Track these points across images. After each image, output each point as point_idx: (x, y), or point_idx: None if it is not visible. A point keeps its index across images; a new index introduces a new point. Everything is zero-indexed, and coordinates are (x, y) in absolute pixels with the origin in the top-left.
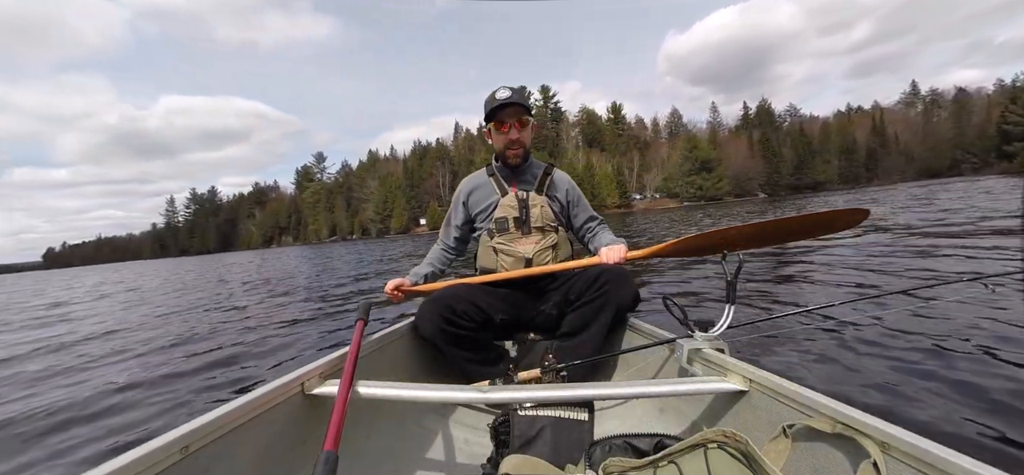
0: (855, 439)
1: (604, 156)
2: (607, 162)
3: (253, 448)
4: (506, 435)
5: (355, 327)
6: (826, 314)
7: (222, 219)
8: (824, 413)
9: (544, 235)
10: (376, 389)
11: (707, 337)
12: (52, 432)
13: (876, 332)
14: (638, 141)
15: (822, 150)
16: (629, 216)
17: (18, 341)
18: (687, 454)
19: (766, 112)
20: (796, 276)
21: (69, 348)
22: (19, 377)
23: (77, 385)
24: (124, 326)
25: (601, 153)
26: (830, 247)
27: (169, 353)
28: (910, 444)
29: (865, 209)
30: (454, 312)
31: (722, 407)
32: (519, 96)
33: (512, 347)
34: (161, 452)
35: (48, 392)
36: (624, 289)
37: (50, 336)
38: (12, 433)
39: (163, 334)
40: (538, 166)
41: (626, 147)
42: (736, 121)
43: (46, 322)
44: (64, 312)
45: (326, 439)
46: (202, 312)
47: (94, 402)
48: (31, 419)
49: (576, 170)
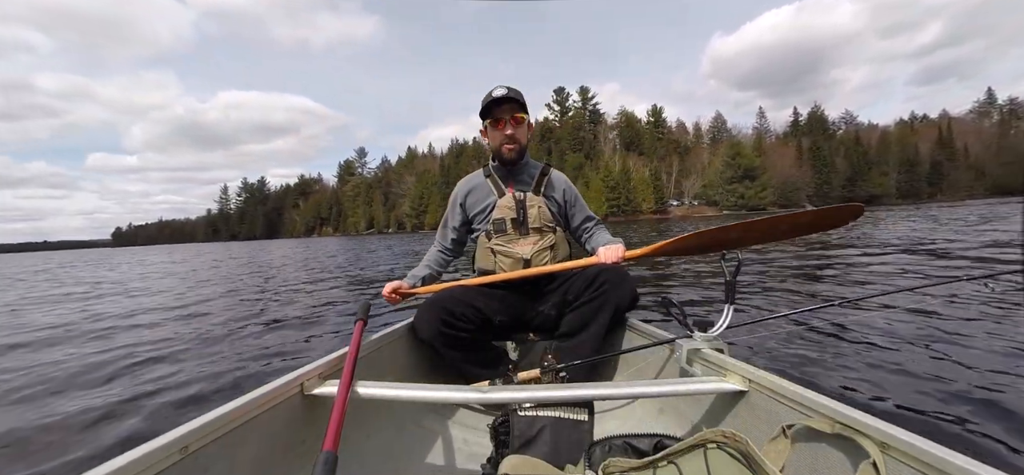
0: (854, 439)
1: (642, 160)
2: (644, 166)
3: (252, 448)
4: (506, 435)
5: (355, 327)
6: (826, 314)
7: (269, 207)
8: (823, 413)
9: (542, 236)
10: (375, 389)
11: (706, 337)
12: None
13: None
14: (678, 146)
15: (879, 161)
16: (664, 222)
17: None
18: (687, 454)
19: (818, 119)
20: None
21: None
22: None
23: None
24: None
25: (639, 157)
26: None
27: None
28: (910, 444)
29: (859, 205)
30: (452, 314)
31: (722, 407)
32: (515, 93)
33: (511, 348)
34: (160, 452)
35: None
36: (623, 289)
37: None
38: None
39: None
40: (535, 166)
41: (665, 152)
42: (784, 127)
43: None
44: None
45: (325, 439)
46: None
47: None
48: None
49: (612, 174)
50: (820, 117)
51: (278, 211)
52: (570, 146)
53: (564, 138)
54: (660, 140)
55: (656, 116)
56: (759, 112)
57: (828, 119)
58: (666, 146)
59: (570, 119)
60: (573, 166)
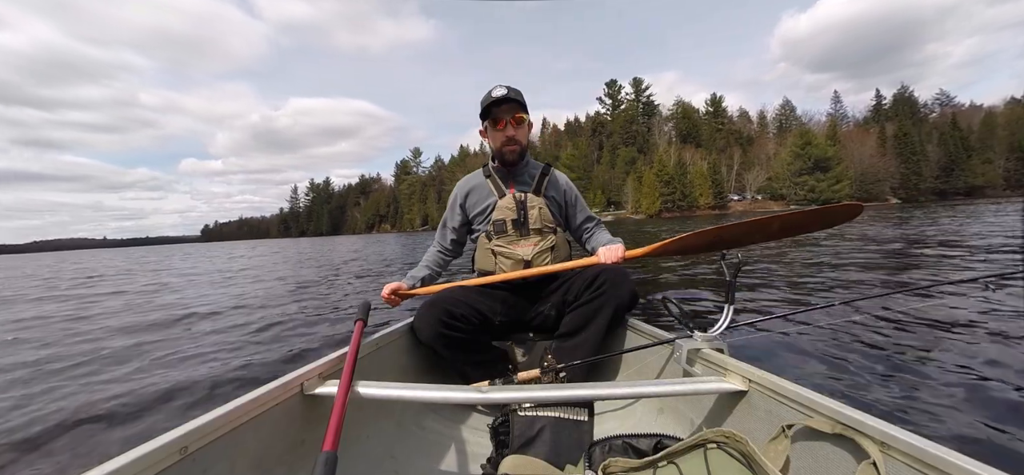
0: (854, 439)
1: (699, 153)
2: (702, 159)
3: (252, 448)
4: (506, 435)
5: (354, 327)
6: (826, 314)
7: (333, 206)
8: (823, 413)
9: (543, 237)
10: (375, 389)
11: (706, 337)
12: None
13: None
14: (740, 136)
15: (982, 147)
16: (723, 218)
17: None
18: (687, 454)
19: (906, 101)
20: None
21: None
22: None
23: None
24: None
25: (696, 149)
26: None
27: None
28: (909, 444)
29: (859, 204)
30: (452, 315)
31: (722, 407)
32: (515, 93)
33: (511, 348)
34: (160, 452)
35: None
36: (623, 289)
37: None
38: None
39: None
40: (536, 166)
41: (726, 143)
42: (864, 112)
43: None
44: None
45: (325, 439)
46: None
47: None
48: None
49: (666, 168)
50: (908, 99)
51: (341, 209)
52: (622, 140)
53: (616, 132)
54: (719, 130)
55: (716, 105)
56: (834, 96)
57: (918, 101)
58: (726, 137)
59: (623, 112)
60: (626, 160)
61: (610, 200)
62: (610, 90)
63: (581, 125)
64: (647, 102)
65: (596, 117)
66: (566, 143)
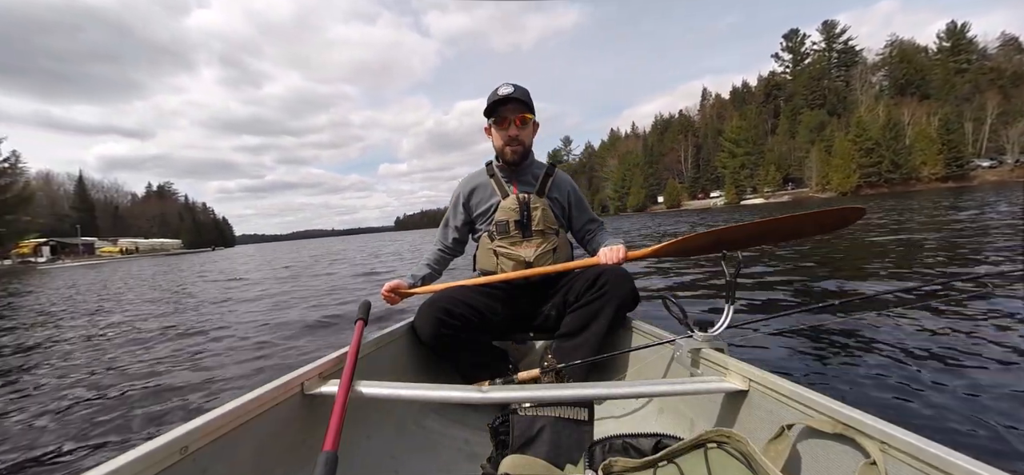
0: (855, 439)
1: (924, 107)
2: (929, 114)
3: (252, 448)
4: (505, 435)
5: (355, 327)
6: (826, 314)
7: None
8: (824, 413)
9: (545, 238)
10: (376, 389)
11: (707, 337)
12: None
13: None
14: (1000, 74)
15: None
16: (962, 191)
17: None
18: (687, 454)
19: None
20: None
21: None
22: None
23: None
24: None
25: (920, 102)
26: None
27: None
28: (909, 444)
29: (860, 208)
30: (452, 315)
31: (722, 407)
32: (521, 93)
33: (511, 348)
34: (160, 452)
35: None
36: (624, 289)
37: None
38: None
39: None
40: (539, 166)
41: (972, 88)
42: None
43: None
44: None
45: (326, 439)
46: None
47: None
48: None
49: (869, 131)
50: None
51: None
52: (807, 101)
53: (798, 93)
54: (962, 72)
55: (955, 37)
56: None
57: None
58: (975, 78)
59: (807, 68)
60: (809, 127)
61: (787, 177)
62: (789, 42)
63: (751, 92)
64: (844, 49)
65: (771, 78)
66: (731, 114)
